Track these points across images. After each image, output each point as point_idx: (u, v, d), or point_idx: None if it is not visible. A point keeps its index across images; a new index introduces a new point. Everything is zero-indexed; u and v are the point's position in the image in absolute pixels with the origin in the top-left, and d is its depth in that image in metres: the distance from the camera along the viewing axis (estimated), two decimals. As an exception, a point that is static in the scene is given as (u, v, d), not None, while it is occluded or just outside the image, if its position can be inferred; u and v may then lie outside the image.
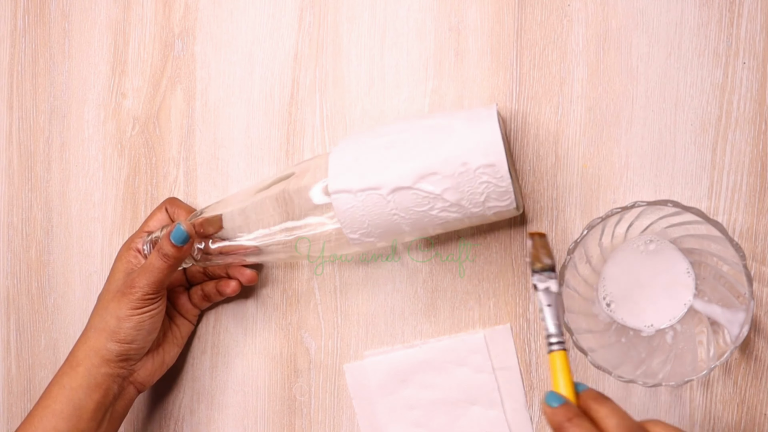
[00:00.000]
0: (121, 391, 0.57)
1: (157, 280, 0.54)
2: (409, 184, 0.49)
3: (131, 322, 0.55)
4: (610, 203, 0.55)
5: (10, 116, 0.68)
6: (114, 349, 0.55)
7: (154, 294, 0.55)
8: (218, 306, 0.63)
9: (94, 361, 0.55)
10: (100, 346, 0.55)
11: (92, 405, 0.55)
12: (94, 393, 0.55)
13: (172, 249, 0.54)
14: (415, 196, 0.50)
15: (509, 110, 0.56)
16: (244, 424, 0.63)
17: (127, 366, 0.57)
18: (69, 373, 0.56)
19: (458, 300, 0.58)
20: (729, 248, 0.47)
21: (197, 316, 0.62)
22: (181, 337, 0.61)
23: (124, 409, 0.58)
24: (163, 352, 0.60)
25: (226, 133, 0.63)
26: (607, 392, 0.55)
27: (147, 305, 0.55)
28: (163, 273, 0.54)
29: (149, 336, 0.56)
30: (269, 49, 0.61)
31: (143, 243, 0.58)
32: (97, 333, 0.56)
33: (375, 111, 0.59)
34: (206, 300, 0.61)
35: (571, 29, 0.55)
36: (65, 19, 0.66)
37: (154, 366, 0.59)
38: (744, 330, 0.47)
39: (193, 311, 0.62)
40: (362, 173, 0.50)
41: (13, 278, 0.69)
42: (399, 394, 0.59)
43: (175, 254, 0.54)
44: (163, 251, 0.54)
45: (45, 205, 0.67)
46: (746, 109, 0.53)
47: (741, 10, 0.52)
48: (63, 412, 0.54)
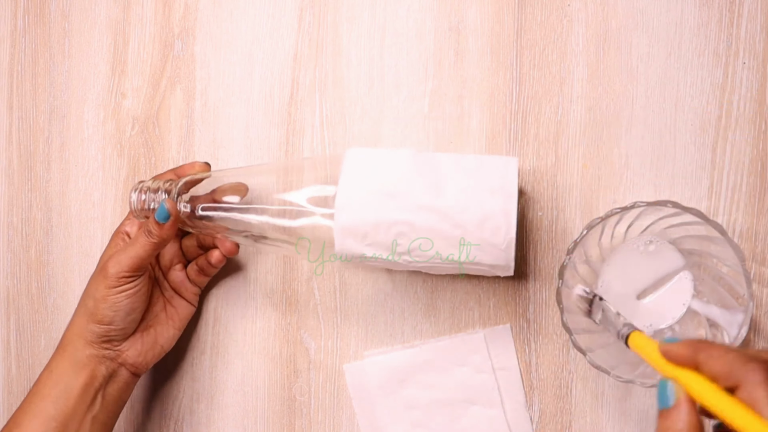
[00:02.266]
0: (111, 374, 0.56)
1: (134, 256, 0.54)
2: (415, 262, 0.51)
3: (107, 303, 0.54)
4: (610, 203, 0.55)
5: (10, 116, 0.68)
6: (95, 331, 0.55)
7: (129, 273, 0.54)
8: (218, 306, 0.63)
9: (77, 344, 0.55)
10: (82, 328, 0.55)
11: (78, 387, 0.54)
12: (80, 375, 0.55)
13: (154, 226, 0.54)
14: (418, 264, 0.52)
15: (509, 110, 0.56)
16: (244, 424, 0.63)
17: (112, 347, 0.56)
18: (56, 357, 0.56)
19: (458, 300, 0.58)
20: (728, 249, 0.47)
21: (197, 295, 0.61)
22: (178, 319, 0.60)
23: (119, 393, 0.57)
24: (155, 333, 0.58)
25: (225, 133, 0.63)
26: (606, 392, 0.56)
27: (122, 284, 0.54)
28: (143, 250, 0.54)
29: (128, 317, 0.55)
30: (269, 49, 0.61)
31: (132, 189, 0.57)
32: (79, 315, 0.56)
33: (375, 111, 0.59)
34: (202, 274, 0.60)
35: (571, 29, 0.55)
36: (65, 19, 0.66)
37: (145, 347, 0.57)
38: (743, 331, 0.47)
39: (192, 289, 0.61)
40: (369, 242, 0.50)
41: (13, 278, 0.69)
42: (399, 394, 0.59)
43: (157, 232, 0.54)
44: (146, 228, 0.54)
45: (45, 205, 0.67)
46: (746, 109, 0.53)
47: (741, 10, 0.52)
48: (50, 395, 0.54)
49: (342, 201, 0.50)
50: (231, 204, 0.55)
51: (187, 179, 0.56)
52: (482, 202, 0.48)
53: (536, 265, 0.56)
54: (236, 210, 0.55)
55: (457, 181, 0.50)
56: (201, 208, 0.55)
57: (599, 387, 0.56)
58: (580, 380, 0.56)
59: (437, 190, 0.49)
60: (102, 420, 0.56)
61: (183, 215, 0.55)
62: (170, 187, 0.56)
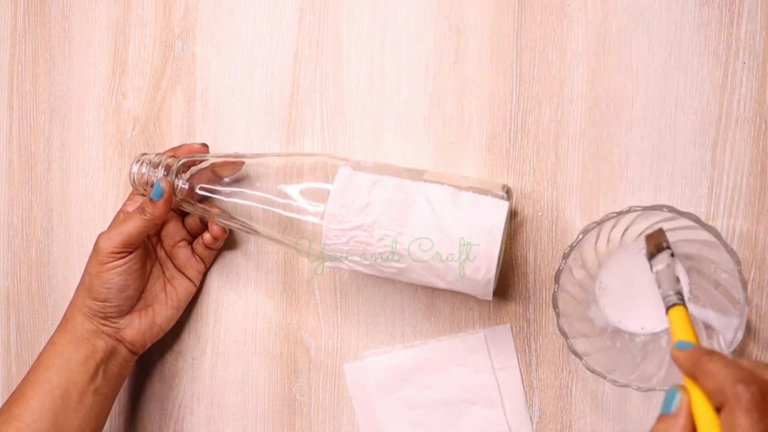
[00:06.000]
0: (112, 350, 0.57)
1: (125, 232, 0.54)
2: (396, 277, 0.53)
3: (100, 279, 0.55)
4: (610, 203, 0.55)
5: (10, 116, 0.68)
6: (92, 306, 0.55)
7: (119, 249, 0.54)
8: (218, 306, 0.63)
9: (78, 318, 0.56)
10: (81, 303, 0.56)
11: (80, 358, 0.55)
12: (81, 348, 0.55)
13: (148, 204, 0.54)
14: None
15: (509, 110, 0.56)
16: (244, 424, 0.63)
17: (110, 323, 0.56)
18: (59, 331, 0.57)
19: (458, 300, 0.58)
20: (724, 254, 0.47)
21: (201, 273, 0.62)
22: (177, 299, 0.60)
23: (119, 369, 0.58)
24: (153, 312, 0.59)
25: (226, 134, 0.63)
26: (606, 392, 0.55)
27: (112, 260, 0.54)
28: (134, 227, 0.54)
29: (122, 294, 0.55)
30: (269, 50, 0.61)
31: (133, 161, 0.57)
32: (78, 291, 0.57)
33: (375, 111, 0.59)
34: (208, 249, 0.61)
35: (571, 29, 0.55)
36: (65, 20, 0.66)
37: (142, 326, 0.58)
38: (738, 335, 0.47)
39: (197, 266, 0.61)
40: (352, 262, 0.52)
41: (13, 278, 0.69)
42: (399, 394, 0.59)
43: (150, 210, 0.54)
44: (141, 206, 0.55)
45: (45, 206, 0.68)
46: (746, 109, 0.53)
47: (741, 10, 0.52)
48: (54, 365, 0.55)
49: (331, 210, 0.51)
50: (230, 188, 0.56)
51: (185, 160, 0.57)
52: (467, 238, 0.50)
53: (536, 265, 0.56)
54: (234, 195, 0.55)
55: (449, 211, 0.51)
56: (200, 187, 0.56)
57: (599, 387, 0.56)
58: (580, 380, 0.56)
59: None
60: (104, 393, 0.57)
61: (180, 192, 0.56)
62: (171, 163, 0.56)
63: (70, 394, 0.54)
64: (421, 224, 0.49)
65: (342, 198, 0.51)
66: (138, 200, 0.58)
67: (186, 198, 0.56)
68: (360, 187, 0.51)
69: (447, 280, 0.50)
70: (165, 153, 0.58)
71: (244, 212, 0.56)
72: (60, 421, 0.54)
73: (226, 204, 0.56)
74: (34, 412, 0.54)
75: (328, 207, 0.51)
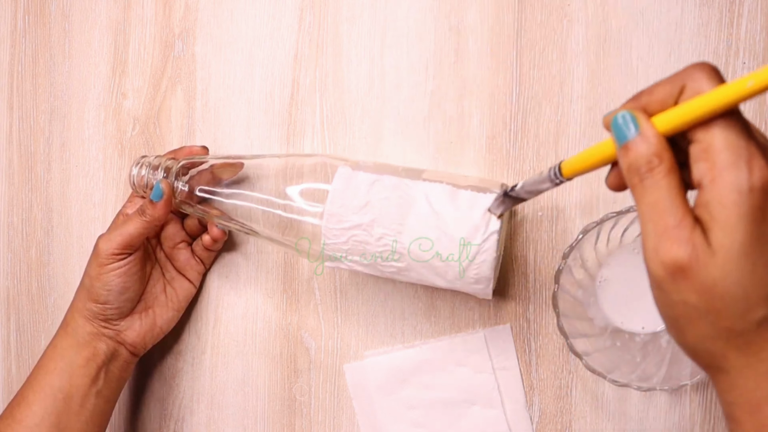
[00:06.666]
0: (113, 352, 0.57)
1: (125, 234, 0.54)
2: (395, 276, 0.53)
3: (100, 281, 0.55)
4: (610, 203, 0.55)
5: (10, 116, 0.68)
6: (92, 309, 0.55)
7: (119, 251, 0.54)
8: (218, 306, 0.63)
9: (78, 321, 0.56)
10: (81, 306, 0.56)
11: (82, 361, 0.55)
12: (83, 350, 0.55)
13: (148, 206, 0.54)
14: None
15: (509, 110, 0.56)
16: (244, 424, 0.63)
17: (110, 326, 0.56)
18: (60, 334, 0.56)
19: (458, 300, 0.58)
20: None
21: (201, 274, 0.62)
22: (177, 300, 0.60)
23: (120, 371, 0.58)
24: (153, 314, 0.59)
25: (226, 134, 0.63)
26: (606, 392, 0.55)
27: (112, 262, 0.54)
28: (134, 228, 0.54)
29: (122, 296, 0.55)
30: (269, 50, 0.61)
31: (133, 163, 0.57)
32: (78, 294, 0.57)
33: (375, 111, 0.59)
34: (207, 251, 0.61)
35: (571, 29, 0.55)
36: (65, 20, 0.66)
37: (143, 328, 0.58)
38: None
39: (197, 268, 0.61)
40: (351, 263, 0.52)
41: (13, 278, 0.69)
42: (399, 394, 0.59)
43: (150, 211, 0.54)
44: (141, 208, 0.55)
45: (45, 206, 0.68)
46: (746, 109, 0.53)
47: (741, 10, 0.52)
48: (55, 369, 0.55)
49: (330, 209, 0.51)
50: (230, 190, 0.56)
51: (185, 162, 0.57)
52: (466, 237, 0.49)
53: (536, 265, 0.56)
54: (234, 196, 0.55)
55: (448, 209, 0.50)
56: (199, 189, 0.56)
57: (599, 387, 0.56)
58: (580, 380, 0.56)
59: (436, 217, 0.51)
60: (106, 395, 0.57)
61: (180, 194, 0.56)
62: (171, 165, 0.56)
63: (72, 398, 0.54)
64: (420, 223, 0.49)
65: (341, 197, 0.51)
66: (137, 202, 0.58)
67: (186, 200, 0.56)
68: (359, 186, 0.51)
69: (447, 279, 0.50)
70: (165, 155, 0.58)
71: (244, 213, 0.56)
72: (62, 425, 0.54)
73: (226, 205, 0.56)
74: (37, 416, 0.54)
75: (327, 206, 0.51)
